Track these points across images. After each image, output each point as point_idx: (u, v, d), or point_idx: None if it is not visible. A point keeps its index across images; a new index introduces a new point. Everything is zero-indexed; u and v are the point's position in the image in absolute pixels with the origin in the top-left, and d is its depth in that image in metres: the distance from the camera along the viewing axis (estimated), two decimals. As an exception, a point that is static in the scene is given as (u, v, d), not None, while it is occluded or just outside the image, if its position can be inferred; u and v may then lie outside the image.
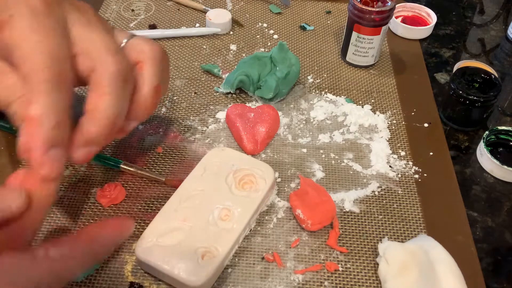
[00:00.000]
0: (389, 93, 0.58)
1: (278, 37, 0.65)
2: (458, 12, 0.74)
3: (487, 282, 0.41)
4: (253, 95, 0.56)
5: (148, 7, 0.69)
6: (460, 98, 0.53)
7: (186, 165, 0.48)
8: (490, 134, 0.52)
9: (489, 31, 0.71)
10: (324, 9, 0.71)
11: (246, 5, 0.70)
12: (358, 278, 0.41)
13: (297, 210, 0.43)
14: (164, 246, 0.39)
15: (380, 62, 0.63)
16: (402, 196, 0.47)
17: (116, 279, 0.39)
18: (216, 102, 0.56)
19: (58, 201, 0.44)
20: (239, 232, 0.40)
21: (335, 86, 0.59)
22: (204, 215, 0.41)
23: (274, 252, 0.42)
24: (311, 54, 0.63)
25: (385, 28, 0.58)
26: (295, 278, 0.40)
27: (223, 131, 0.52)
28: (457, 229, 0.45)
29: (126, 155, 0.49)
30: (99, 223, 0.37)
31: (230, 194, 0.43)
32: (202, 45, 0.63)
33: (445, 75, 0.63)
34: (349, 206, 0.46)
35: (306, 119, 0.54)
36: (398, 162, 0.50)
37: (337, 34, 0.67)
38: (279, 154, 0.50)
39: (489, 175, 0.51)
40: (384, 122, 0.54)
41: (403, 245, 0.41)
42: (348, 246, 0.43)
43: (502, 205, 0.48)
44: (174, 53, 0.62)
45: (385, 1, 0.57)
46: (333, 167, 0.49)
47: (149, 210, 0.45)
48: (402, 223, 0.45)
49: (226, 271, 0.40)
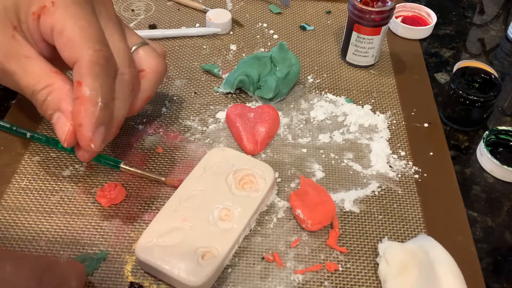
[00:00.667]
0: (389, 93, 0.58)
1: (278, 37, 0.65)
2: (458, 12, 0.74)
3: (487, 282, 0.41)
4: (253, 95, 0.56)
5: (148, 7, 0.69)
6: (460, 98, 0.53)
7: (186, 165, 0.48)
8: (490, 134, 0.52)
9: (489, 31, 0.71)
10: (324, 9, 0.71)
11: (246, 5, 0.70)
12: (358, 278, 0.41)
13: (297, 210, 0.43)
14: (164, 246, 0.39)
15: (380, 62, 0.63)
16: (402, 196, 0.47)
17: (116, 279, 0.39)
18: (216, 102, 0.56)
19: (58, 201, 0.45)
20: (239, 232, 0.40)
21: (335, 86, 0.59)
22: (204, 215, 0.41)
23: (274, 252, 0.42)
24: (311, 54, 0.63)
25: (385, 28, 0.58)
26: (295, 278, 0.40)
27: (223, 131, 0.52)
28: (457, 229, 0.45)
29: (126, 155, 0.49)
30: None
31: (230, 194, 0.43)
32: (202, 45, 0.63)
33: (445, 75, 0.63)
34: (349, 206, 0.46)
35: (306, 119, 0.54)
36: (398, 162, 0.50)
37: (337, 34, 0.67)
38: (279, 154, 0.50)
39: (489, 175, 0.51)
40: (384, 122, 0.54)
41: (403, 245, 0.41)
42: (348, 246, 0.43)
43: (502, 205, 0.48)
44: (174, 53, 0.62)
45: (385, 1, 0.57)
46: (333, 167, 0.49)
47: (149, 210, 0.45)
48: (402, 223, 0.45)
49: (226, 271, 0.40)
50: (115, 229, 0.43)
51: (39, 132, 0.49)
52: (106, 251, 0.41)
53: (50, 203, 0.44)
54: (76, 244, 0.42)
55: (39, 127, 0.51)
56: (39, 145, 0.49)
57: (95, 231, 0.43)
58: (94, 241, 0.42)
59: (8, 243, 0.41)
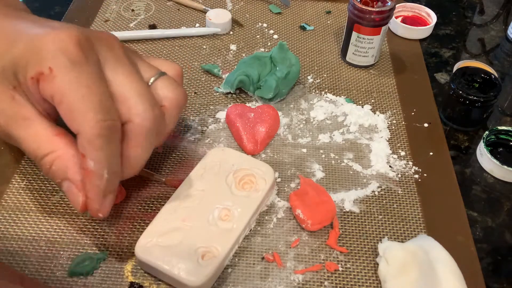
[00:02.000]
0: (389, 93, 0.58)
1: (278, 37, 0.65)
2: (458, 12, 0.74)
3: (487, 282, 0.41)
4: (253, 95, 0.56)
5: (148, 7, 0.69)
6: (460, 98, 0.53)
7: (186, 165, 0.48)
8: (490, 134, 0.52)
9: (489, 31, 0.71)
10: (324, 9, 0.71)
11: (246, 5, 0.70)
12: (358, 278, 0.41)
13: (297, 210, 0.43)
14: (164, 246, 0.39)
15: (380, 62, 0.63)
16: (402, 196, 0.47)
17: (116, 279, 0.39)
18: (216, 102, 0.56)
19: (58, 201, 0.45)
20: (239, 232, 0.40)
21: (335, 86, 0.59)
22: (204, 215, 0.41)
23: (274, 252, 0.42)
24: (311, 54, 0.63)
25: (385, 28, 0.58)
26: (295, 278, 0.40)
27: (223, 131, 0.52)
28: (457, 229, 0.45)
29: (126, 155, 0.49)
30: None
31: (230, 194, 0.43)
32: (202, 45, 0.63)
33: (445, 75, 0.63)
34: (349, 206, 0.46)
35: (306, 119, 0.54)
36: (398, 162, 0.50)
37: (337, 34, 0.67)
38: (279, 154, 0.50)
39: (489, 175, 0.51)
40: (384, 122, 0.54)
41: (403, 245, 0.41)
42: (348, 246, 0.43)
43: (502, 205, 0.48)
44: (174, 53, 0.62)
45: (385, 1, 0.57)
46: (333, 167, 0.49)
47: (149, 210, 0.45)
48: (402, 223, 0.45)
49: (226, 271, 0.40)
50: (115, 229, 0.43)
51: (39, 132, 0.49)
52: (106, 251, 0.41)
53: (50, 203, 0.44)
54: (76, 244, 0.42)
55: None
56: (39, 145, 0.49)
57: (95, 231, 0.43)
58: (94, 241, 0.42)
59: (8, 243, 0.41)
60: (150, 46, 0.62)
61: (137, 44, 0.63)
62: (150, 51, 0.62)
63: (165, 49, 0.62)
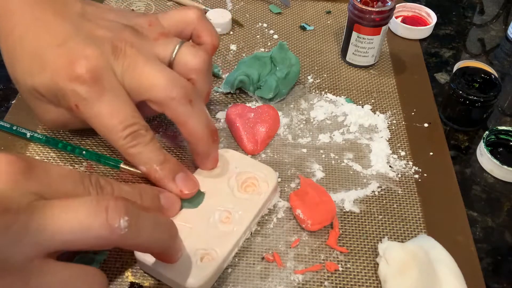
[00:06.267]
0: (389, 93, 0.58)
1: (278, 37, 0.65)
2: (458, 12, 0.74)
3: (487, 282, 0.41)
4: (253, 95, 0.56)
5: (148, 7, 0.69)
6: (460, 98, 0.53)
7: (187, 165, 0.48)
8: (490, 134, 0.52)
9: (489, 31, 0.71)
10: (324, 9, 0.71)
11: (246, 5, 0.70)
12: (358, 278, 0.41)
13: (297, 210, 0.43)
14: (164, 246, 0.39)
15: (380, 62, 0.63)
16: (402, 196, 0.47)
17: (116, 279, 0.39)
18: (216, 102, 0.56)
19: (58, 201, 0.44)
20: (239, 235, 0.40)
21: (335, 86, 0.59)
22: (205, 217, 0.41)
23: (274, 252, 0.42)
24: (311, 54, 0.63)
25: (385, 28, 0.58)
26: (295, 278, 0.40)
27: (223, 131, 0.52)
28: (457, 229, 0.45)
29: (126, 155, 0.49)
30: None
31: (232, 197, 0.43)
32: (202, 45, 0.63)
33: (445, 75, 0.63)
34: (349, 206, 0.46)
35: (306, 119, 0.54)
36: (398, 162, 0.50)
37: (337, 34, 0.67)
38: (279, 154, 0.50)
39: (489, 175, 0.51)
40: (384, 122, 0.54)
41: (403, 245, 0.41)
42: (348, 246, 0.43)
43: (502, 205, 0.48)
44: (174, 53, 0.62)
45: (385, 1, 0.57)
46: (333, 167, 0.49)
47: (149, 210, 0.44)
48: (402, 223, 0.45)
49: (226, 271, 0.40)
50: (115, 229, 0.43)
51: (39, 132, 0.49)
52: (106, 251, 0.41)
53: (50, 203, 0.44)
54: (76, 244, 0.41)
55: (39, 127, 0.51)
56: (39, 145, 0.49)
57: (95, 231, 0.42)
58: (94, 241, 0.42)
59: (8, 243, 0.41)
60: (150, 46, 0.62)
61: (137, 44, 0.63)
62: (150, 51, 0.62)
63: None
